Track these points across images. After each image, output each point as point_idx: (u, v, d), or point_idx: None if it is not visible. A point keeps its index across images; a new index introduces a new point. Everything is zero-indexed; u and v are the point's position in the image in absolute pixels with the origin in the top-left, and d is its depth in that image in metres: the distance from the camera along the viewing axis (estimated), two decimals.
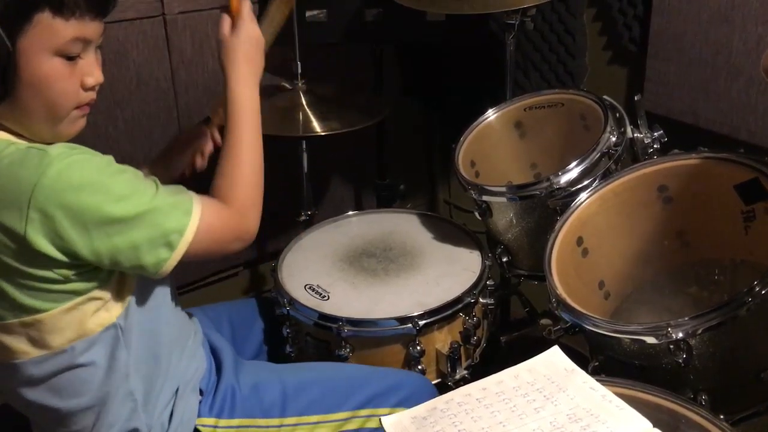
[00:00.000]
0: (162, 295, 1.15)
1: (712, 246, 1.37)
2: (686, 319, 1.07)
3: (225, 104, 1.18)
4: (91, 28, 1.01)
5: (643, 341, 1.12)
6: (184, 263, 1.07)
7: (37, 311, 1.01)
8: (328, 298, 1.48)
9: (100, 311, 1.05)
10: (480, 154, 1.70)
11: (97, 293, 1.04)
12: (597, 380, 1.00)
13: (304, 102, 1.89)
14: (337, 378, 1.30)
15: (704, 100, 1.96)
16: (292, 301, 1.48)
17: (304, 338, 1.49)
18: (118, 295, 1.07)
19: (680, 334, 1.07)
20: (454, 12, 1.79)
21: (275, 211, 1.54)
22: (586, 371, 1.02)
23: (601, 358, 1.24)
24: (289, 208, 1.98)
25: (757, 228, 1.28)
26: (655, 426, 0.91)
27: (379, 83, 2.25)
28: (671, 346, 1.08)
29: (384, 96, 2.23)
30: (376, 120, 1.97)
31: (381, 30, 2.06)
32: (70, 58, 1.00)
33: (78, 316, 1.03)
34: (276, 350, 1.53)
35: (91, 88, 1.04)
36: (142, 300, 1.11)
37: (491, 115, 1.74)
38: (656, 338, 1.09)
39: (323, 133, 1.80)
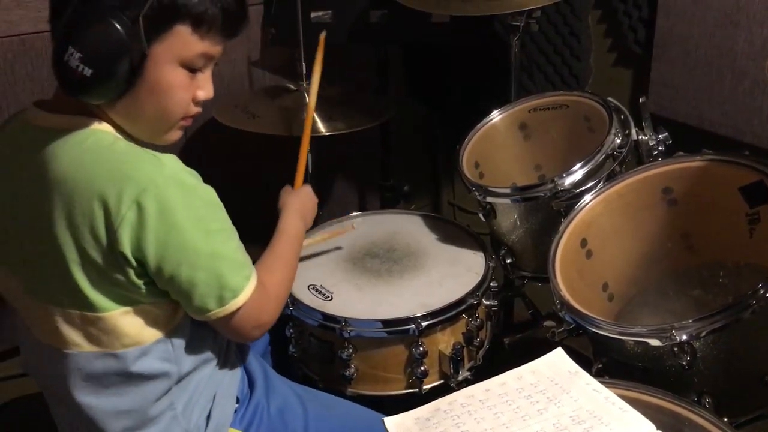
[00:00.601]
0: None
1: (717, 248, 1.37)
2: (690, 321, 1.07)
3: (277, 225, 1.33)
4: (218, 48, 1.06)
5: (647, 343, 1.11)
6: None
7: (100, 309, 1.02)
8: (331, 299, 1.48)
9: (156, 323, 1.07)
10: (484, 156, 1.70)
11: (156, 305, 1.06)
12: (600, 382, 0.99)
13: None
14: (358, 421, 1.30)
15: (709, 103, 1.95)
16: (296, 302, 1.48)
17: (307, 338, 1.49)
18: (175, 311, 1.08)
19: (684, 337, 1.07)
20: (459, 13, 1.79)
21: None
22: (590, 373, 1.02)
23: (605, 360, 1.24)
24: None
25: (762, 230, 1.28)
26: (658, 428, 0.91)
27: (384, 84, 2.25)
28: (675, 349, 1.08)
29: (388, 97, 2.23)
30: (380, 121, 1.97)
31: (386, 31, 2.07)
32: (192, 71, 1.04)
33: (136, 323, 1.05)
34: (279, 350, 1.53)
35: (199, 102, 1.08)
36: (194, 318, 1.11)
37: (496, 116, 1.75)
38: (660, 340, 1.09)
39: (328, 134, 1.80)
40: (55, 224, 0.99)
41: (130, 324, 1.04)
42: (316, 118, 1.85)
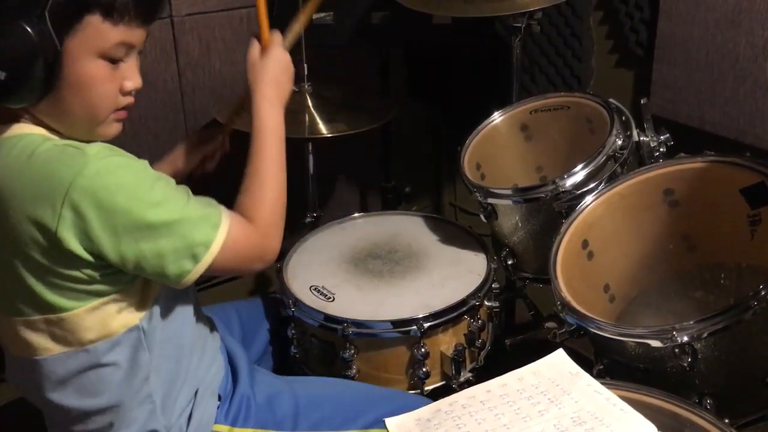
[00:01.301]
0: (185, 298, 1.16)
1: (718, 250, 1.37)
2: (691, 322, 1.07)
3: (251, 122, 1.19)
4: (137, 35, 1.03)
5: (648, 345, 1.11)
6: None
7: (62, 309, 1.02)
8: (333, 300, 1.48)
9: (124, 313, 1.06)
10: (486, 157, 1.70)
11: (121, 295, 1.05)
12: (601, 383, 1.00)
13: (310, 104, 1.90)
14: (349, 395, 1.30)
15: (711, 104, 1.95)
16: (298, 303, 1.48)
17: (309, 339, 1.49)
18: (142, 298, 1.07)
19: (685, 338, 1.07)
20: (460, 15, 1.79)
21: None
22: (591, 374, 1.02)
23: (606, 362, 1.24)
24: (294, 210, 1.98)
25: (763, 232, 1.28)
26: (659, 430, 0.91)
27: (386, 86, 2.25)
28: (676, 350, 1.07)
29: (390, 98, 2.23)
30: (382, 122, 1.97)
31: (387, 33, 2.07)
32: (113, 62, 1.02)
33: (101, 316, 1.04)
34: (281, 350, 1.53)
35: (129, 93, 1.06)
36: (165, 303, 1.11)
37: (497, 117, 1.74)
38: (661, 342, 1.09)
39: (329, 135, 1.80)
40: (1, 238, 0.99)
41: (95, 319, 1.03)
42: (317, 119, 1.85)
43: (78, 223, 0.96)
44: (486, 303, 1.50)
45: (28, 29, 0.92)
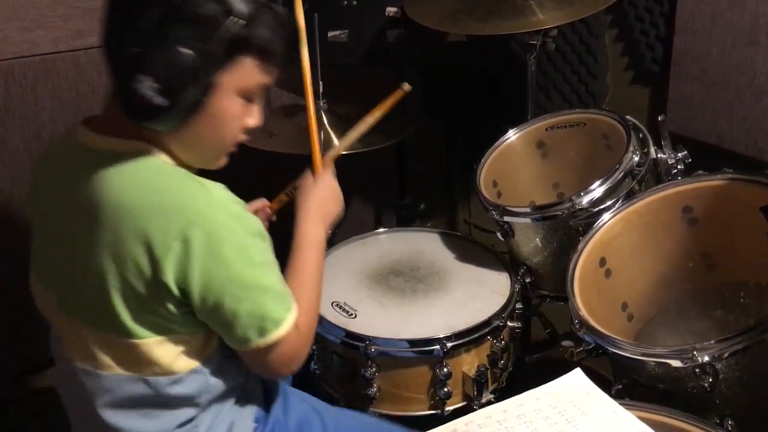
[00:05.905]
0: None
1: (737, 268, 1.36)
2: (712, 342, 1.07)
3: (293, 234, 1.23)
4: (273, 78, 1.07)
5: (669, 365, 1.11)
6: None
7: (135, 336, 1.03)
8: (355, 316, 1.48)
9: (189, 353, 1.07)
10: (502, 174, 1.70)
11: (190, 336, 1.06)
12: (620, 404, 0.99)
13: (325, 121, 1.91)
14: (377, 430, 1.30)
15: (728, 121, 1.95)
16: (319, 318, 1.47)
17: (330, 356, 1.49)
18: (206, 342, 1.08)
19: (706, 358, 1.06)
20: (475, 33, 1.80)
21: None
22: (609, 394, 1.02)
23: (625, 381, 1.23)
24: None
25: None
26: None
27: (401, 103, 2.25)
28: (697, 370, 1.07)
29: (405, 116, 2.24)
30: (396, 140, 1.97)
31: (402, 51, 2.08)
32: (248, 100, 1.06)
33: (170, 351, 1.05)
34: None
35: (248, 130, 1.09)
36: (224, 345, 1.11)
37: (513, 135, 1.75)
38: (682, 362, 1.08)
39: (344, 152, 1.81)
40: (99, 249, 1.00)
41: (163, 353, 1.04)
42: (333, 136, 1.85)
43: (181, 258, 0.97)
44: (509, 324, 1.49)
45: (193, 60, 0.94)
